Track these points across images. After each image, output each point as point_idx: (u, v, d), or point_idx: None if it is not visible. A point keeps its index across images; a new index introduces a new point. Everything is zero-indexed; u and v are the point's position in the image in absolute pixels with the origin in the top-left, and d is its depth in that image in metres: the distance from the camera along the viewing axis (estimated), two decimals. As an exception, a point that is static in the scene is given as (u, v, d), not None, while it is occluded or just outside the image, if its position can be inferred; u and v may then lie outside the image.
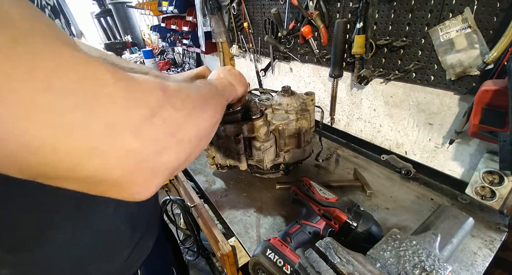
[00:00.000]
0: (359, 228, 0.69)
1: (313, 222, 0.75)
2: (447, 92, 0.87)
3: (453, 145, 0.91)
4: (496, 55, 0.68)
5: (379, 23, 0.94)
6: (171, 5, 2.09)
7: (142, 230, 0.59)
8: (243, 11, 1.53)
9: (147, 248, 0.62)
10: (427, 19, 0.81)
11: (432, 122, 0.95)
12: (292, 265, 0.61)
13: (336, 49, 1.06)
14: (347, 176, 1.10)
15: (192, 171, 1.23)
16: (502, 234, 0.78)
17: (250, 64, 1.80)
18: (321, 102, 1.38)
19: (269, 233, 0.87)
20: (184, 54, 3.04)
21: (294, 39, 1.31)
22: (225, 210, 0.98)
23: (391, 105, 1.06)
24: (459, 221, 0.67)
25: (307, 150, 1.04)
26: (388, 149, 1.15)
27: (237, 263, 0.98)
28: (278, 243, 0.67)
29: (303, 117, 0.94)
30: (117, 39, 4.41)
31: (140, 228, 0.58)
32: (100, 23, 4.71)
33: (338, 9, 1.06)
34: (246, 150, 0.98)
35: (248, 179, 1.13)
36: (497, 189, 0.81)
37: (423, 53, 0.86)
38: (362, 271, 0.50)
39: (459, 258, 0.72)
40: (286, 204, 0.97)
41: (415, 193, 0.97)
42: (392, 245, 0.59)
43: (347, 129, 1.31)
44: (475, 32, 0.72)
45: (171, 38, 2.55)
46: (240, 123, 0.90)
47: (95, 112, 0.20)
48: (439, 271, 0.52)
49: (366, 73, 1.01)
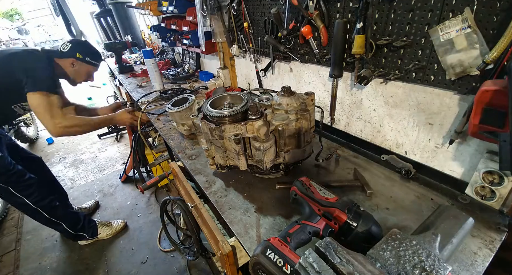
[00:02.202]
0: (359, 228, 0.69)
1: (313, 222, 0.75)
2: (447, 92, 0.87)
3: (453, 145, 0.91)
4: (496, 55, 0.68)
5: (379, 23, 0.94)
6: (171, 5, 2.09)
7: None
8: (243, 11, 1.53)
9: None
10: (427, 19, 0.81)
11: (432, 122, 0.95)
12: (292, 265, 0.61)
13: (336, 49, 1.06)
14: (347, 176, 1.10)
15: (192, 171, 1.23)
16: (502, 234, 0.78)
17: (250, 64, 1.80)
18: (321, 102, 1.38)
19: (269, 233, 0.87)
20: (184, 54, 3.04)
21: (294, 39, 1.31)
22: (225, 210, 0.98)
23: (391, 105, 1.06)
24: (459, 221, 0.67)
25: (307, 150, 1.04)
26: (388, 149, 1.15)
27: (237, 263, 0.98)
28: (278, 243, 0.67)
29: (303, 117, 0.94)
30: (117, 39, 4.42)
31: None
32: (100, 23, 4.71)
33: (338, 9, 1.06)
34: (246, 150, 0.98)
35: (248, 179, 1.13)
36: (497, 189, 0.81)
37: (423, 53, 0.86)
38: (362, 271, 0.50)
39: (459, 258, 0.72)
40: (286, 204, 0.97)
41: (415, 193, 0.97)
42: (392, 245, 0.59)
43: (347, 129, 1.31)
44: (475, 32, 0.72)
45: (171, 38, 2.55)
46: (240, 123, 0.91)
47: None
48: (439, 271, 0.52)
49: (366, 73, 1.01)
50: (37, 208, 1.93)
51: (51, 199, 2.01)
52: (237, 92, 1.08)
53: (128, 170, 3.08)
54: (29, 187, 1.86)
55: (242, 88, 2.12)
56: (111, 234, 2.38)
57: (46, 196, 1.98)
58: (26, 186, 1.85)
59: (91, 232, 2.29)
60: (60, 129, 1.60)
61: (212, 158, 1.07)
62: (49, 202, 1.99)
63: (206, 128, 0.96)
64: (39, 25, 10.81)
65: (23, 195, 1.84)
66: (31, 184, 1.87)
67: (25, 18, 11.39)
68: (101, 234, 2.35)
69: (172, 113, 1.46)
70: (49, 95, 1.58)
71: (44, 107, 1.56)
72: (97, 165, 3.57)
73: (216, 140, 0.96)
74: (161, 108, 1.96)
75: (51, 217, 2.02)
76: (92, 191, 3.05)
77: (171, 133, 1.60)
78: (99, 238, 2.35)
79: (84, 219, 2.26)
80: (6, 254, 2.37)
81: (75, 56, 1.78)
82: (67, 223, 2.12)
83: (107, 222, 2.42)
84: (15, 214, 2.83)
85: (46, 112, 1.56)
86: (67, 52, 1.76)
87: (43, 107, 1.56)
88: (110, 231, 2.39)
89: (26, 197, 1.86)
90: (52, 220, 2.03)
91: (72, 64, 1.79)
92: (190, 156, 1.34)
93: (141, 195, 2.88)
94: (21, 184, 1.83)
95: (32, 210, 1.92)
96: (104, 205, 2.81)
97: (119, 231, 2.43)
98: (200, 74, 2.57)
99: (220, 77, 2.19)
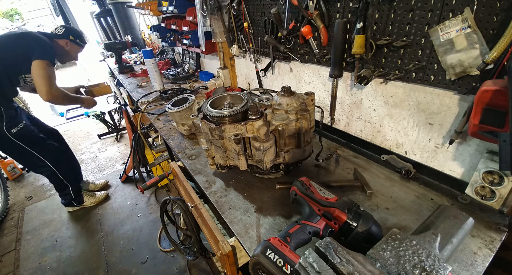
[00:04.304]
0: (359, 228, 0.69)
1: (313, 222, 0.75)
2: (447, 92, 0.87)
3: (453, 145, 0.91)
4: (496, 55, 0.68)
5: (379, 23, 0.94)
6: (171, 5, 2.09)
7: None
8: (243, 11, 1.53)
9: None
10: (427, 19, 0.81)
11: (432, 122, 0.95)
12: (292, 265, 0.61)
13: (336, 49, 1.06)
14: (347, 176, 1.10)
15: (192, 171, 1.23)
16: (502, 234, 0.78)
17: (250, 64, 1.80)
18: (321, 102, 1.38)
19: (269, 233, 0.87)
20: (184, 54, 3.04)
21: (294, 39, 1.31)
22: (225, 210, 0.98)
23: (391, 105, 1.06)
24: (459, 221, 0.67)
25: (307, 150, 1.04)
26: (388, 149, 1.15)
27: (237, 263, 0.98)
28: (278, 243, 0.67)
29: (303, 117, 0.94)
30: (117, 39, 4.42)
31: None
32: (100, 23, 4.71)
33: (338, 9, 1.06)
34: (246, 150, 0.98)
35: (248, 179, 1.13)
36: (497, 189, 0.81)
37: (423, 53, 0.86)
38: (362, 271, 0.50)
39: (459, 258, 0.72)
40: (286, 204, 0.97)
41: (415, 193, 0.97)
42: (392, 245, 0.59)
43: (347, 129, 1.31)
44: (475, 32, 0.72)
45: (171, 38, 2.55)
46: (240, 123, 0.91)
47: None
48: (439, 271, 0.52)
49: (366, 73, 1.01)
50: (55, 170, 2.37)
51: (66, 164, 2.50)
52: (237, 92, 1.08)
53: (128, 170, 3.08)
54: (50, 151, 2.30)
55: (242, 88, 2.12)
56: (95, 202, 2.80)
57: (63, 160, 2.44)
58: (47, 149, 2.28)
59: (78, 199, 2.69)
60: (50, 96, 1.94)
61: (212, 158, 1.07)
62: (65, 165, 2.46)
63: (206, 128, 0.96)
64: (39, 25, 10.80)
65: (45, 158, 2.27)
66: (52, 149, 2.32)
67: (25, 18, 11.38)
68: (86, 202, 2.76)
69: (172, 113, 1.46)
70: (50, 66, 1.94)
71: (45, 74, 1.88)
72: (97, 165, 3.57)
73: (216, 140, 0.96)
74: (161, 108, 1.96)
75: (64, 179, 2.46)
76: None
77: (171, 133, 1.60)
78: (84, 205, 2.77)
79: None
80: (6, 254, 2.38)
81: (68, 37, 2.15)
82: (73, 187, 2.56)
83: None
84: (15, 214, 2.84)
85: (46, 79, 1.89)
86: (62, 34, 2.12)
87: (44, 74, 1.88)
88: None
89: (47, 159, 2.29)
90: (64, 182, 2.48)
91: (66, 44, 2.16)
92: (190, 156, 1.34)
93: (141, 195, 2.88)
94: (44, 148, 2.25)
95: (51, 171, 2.36)
96: (104, 205, 2.82)
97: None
98: (200, 74, 2.57)
99: (220, 77, 2.19)
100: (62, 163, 2.43)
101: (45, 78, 1.88)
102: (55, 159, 2.35)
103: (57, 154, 2.36)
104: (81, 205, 2.73)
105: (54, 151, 2.34)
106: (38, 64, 1.85)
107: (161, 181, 1.94)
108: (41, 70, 1.86)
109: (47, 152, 2.28)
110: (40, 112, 5.12)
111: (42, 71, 1.86)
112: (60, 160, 2.40)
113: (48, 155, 2.30)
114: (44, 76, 1.87)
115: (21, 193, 3.16)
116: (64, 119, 5.21)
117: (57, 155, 2.36)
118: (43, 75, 1.87)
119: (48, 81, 1.89)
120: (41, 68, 1.86)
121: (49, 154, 2.30)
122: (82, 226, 2.59)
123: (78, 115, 5.19)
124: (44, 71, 1.87)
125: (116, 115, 4.39)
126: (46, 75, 1.88)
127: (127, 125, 2.98)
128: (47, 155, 2.28)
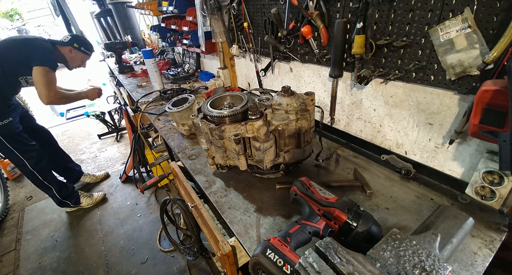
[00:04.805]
0: (359, 228, 0.69)
1: (313, 222, 0.75)
2: (447, 92, 0.87)
3: (453, 145, 0.91)
4: (496, 55, 0.68)
5: (379, 23, 0.94)
6: (171, 5, 2.09)
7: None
8: (243, 11, 1.53)
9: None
10: (427, 19, 0.81)
11: (432, 122, 0.95)
12: (292, 265, 0.61)
13: (336, 49, 1.06)
14: (347, 176, 1.10)
15: (192, 171, 1.23)
16: (502, 234, 0.78)
17: (250, 64, 1.80)
18: (321, 102, 1.38)
19: (269, 233, 0.87)
20: (184, 54, 3.04)
21: (294, 39, 1.31)
22: (225, 210, 0.98)
23: (391, 105, 1.06)
24: (459, 221, 0.67)
25: (307, 150, 1.04)
26: (388, 149, 1.15)
27: (237, 263, 0.98)
28: (278, 243, 0.67)
29: (303, 117, 0.94)
30: (117, 39, 4.42)
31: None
32: (100, 23, 4.71)
33: (338, 9, 1.06)
34: (246, 150, 0.98)
35: (248, 179, 1.13)
36: (497, 189, 0.81)
37: (423, 53, 0.86)
38: (362, 271, 0.50)
39: (459, 258, 0.72)
40: (286, 204, 0.97)
41: (415, 193, 0.97)
42: (392, 245, 0.59)
43: (347, 129, 1.31)
44: (475, 32, 0.72)
45: (171, 38, 2.55)
46: (240, 123, 0.90)
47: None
48: (439, 271, 0.52)
49: (366, 73, 1.01)
50: (33, 171, 2.32)
51: (48, 165, 2.44)
52: (237, 92, 1.08)
53: (128, 170, 3.08)
54: (30, 151, 2.27)
55: (242, 88, 2.12)
56: (92, 203, 2.79)
57: (44, 162, 2.37)
58: (28, 150, 2.26)
59: (74, 200, 2.67)
60: (49, 100, 2.05)
61: (212, 158, 1.07)
62: (46, 167, 2.41)
63: (206, 128, 0.96)
64: (39, 25, 10.80)
65: (24, 158, 2.25)
66: (33, 149, 2.29)
67: (25, 18, 11.37)
68: (83, 203, 2.75)
69: (172, 113, 1.46)
70: (50, 72, 2.02)
71: (43, 81, 1.97)
72: (97, 165, 3.57)
73: (216, 140, 0.96)
74: (161, 108, 1.96)
75: (44, 180, 2.41)
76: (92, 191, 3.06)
77: (171, 133, 1.60)
78: (82, 206, 2.75)
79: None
80: (6, 254, 2.38)
81: (72, 45, 2.23)
82: (56, 188, 2.50)
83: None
84: (15, 214, 2.84)
85: (45, 84, 1.99)
86: (67, 42, 2.21)
87: (43, 81, 1.97)
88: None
89: (26, 159, 2.26)
90: (44, 183, 2.43)
91: (70, 51, 2.24)
92: (190, 156, 1.34)
93: (141, 195, 2.88)
94: (24, 147, 2.24)
95: (29, 172, 2.32)
96: (104, 205, 2.82)
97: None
98: (200, 74, 2.57)
99: (220, 77, 2.19)
100: (42, 164, 2.37)
101: (44, 84, 1.98)
102: (36, 160, 2.31)
103: (37, 157, 2.32)
104: (78, 206, 2.73)
105: (35, 152, 2.31)
106: (37, 71, 1.95)
107: (161, 181, 1.94)
108: (40, 76, 1.96)
109: (28, 152, 2.25)
110: (41, 112, 5.11)
111: (41, 77, 1.97)
112: (40, 161, 2.34)
113: (28, 156, 2.26)
114: (43, 82, 1.98)
115: (21, 193, 3.16)
116: (64, 119, 5.21)
117: (37, 158, 2.31)
118: (42, 81, 1.98)
119: (46, 86, 2.00)
120: (40, 75, 1.96)
121: (29, 155, 2.26)
122: (82, 226, 2.59)
123: (78, 115, 5.19)
124: (42, 77, 1.97)
125: (116, 115, 4.39)
126: (45, 81, 1.98)
127: (127, 125, 2.98)
128: (26, 155, 2.25)
